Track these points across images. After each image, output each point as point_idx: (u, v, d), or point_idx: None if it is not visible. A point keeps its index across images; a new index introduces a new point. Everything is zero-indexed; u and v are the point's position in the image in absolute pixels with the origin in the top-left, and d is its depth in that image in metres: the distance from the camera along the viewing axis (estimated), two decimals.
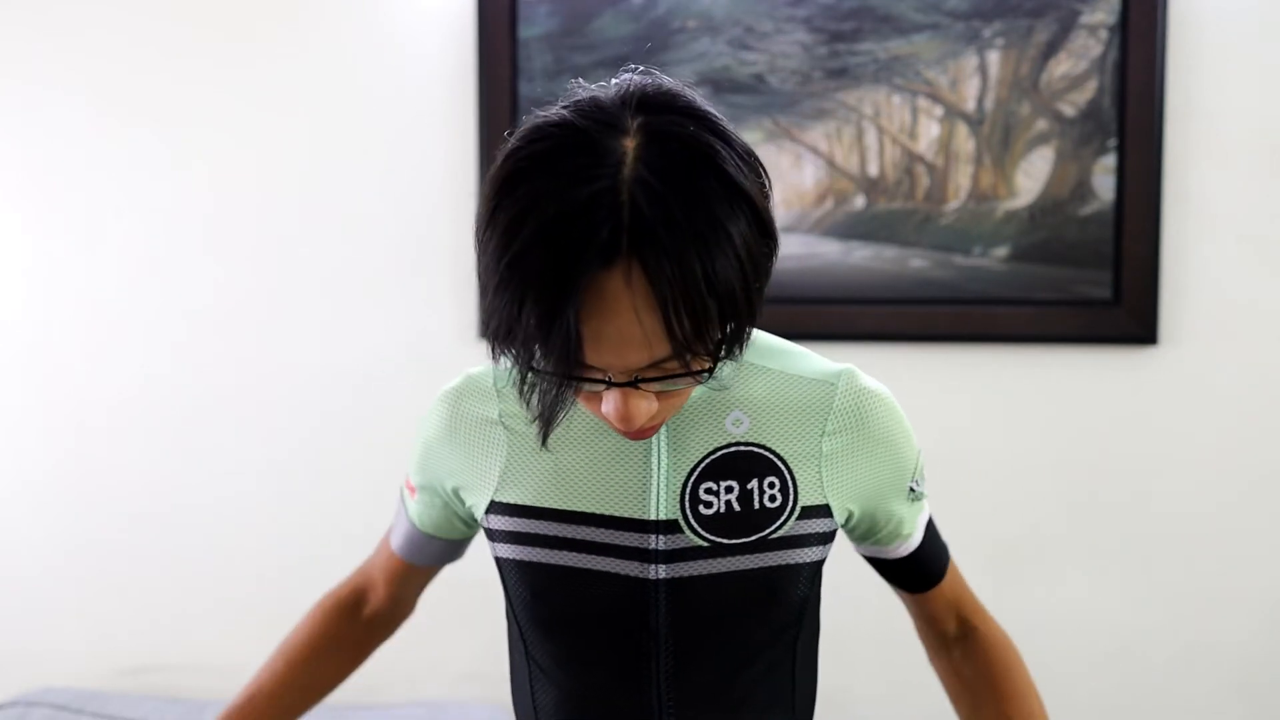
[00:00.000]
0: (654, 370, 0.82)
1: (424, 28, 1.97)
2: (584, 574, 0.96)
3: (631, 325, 0.78)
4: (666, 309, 0.77)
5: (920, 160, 1.86)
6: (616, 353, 0.80)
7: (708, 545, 0.94)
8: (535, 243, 0.77)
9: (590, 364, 0.81)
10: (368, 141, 2.00)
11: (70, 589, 2.12)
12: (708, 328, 0.79)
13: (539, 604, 0.98)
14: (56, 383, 2.10)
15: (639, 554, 0.95)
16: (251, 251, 2.04)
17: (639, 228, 0.76)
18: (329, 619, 1.19)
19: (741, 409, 0.97)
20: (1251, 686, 1.85)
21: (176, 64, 2.03)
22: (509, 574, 1.00)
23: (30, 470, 2.13)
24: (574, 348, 0.78)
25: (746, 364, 1.00)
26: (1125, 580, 1.87)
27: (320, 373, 2.03)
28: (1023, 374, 1.87)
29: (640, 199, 0.77)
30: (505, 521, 0.99)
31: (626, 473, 0.96)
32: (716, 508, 0.95)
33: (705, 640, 0.96)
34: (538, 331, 0.78)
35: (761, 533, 0.95)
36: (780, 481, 0.96)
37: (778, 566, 0.96)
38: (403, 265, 2.00)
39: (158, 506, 2.07)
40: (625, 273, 0.77)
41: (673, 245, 0.76)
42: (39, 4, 2.06)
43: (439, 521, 1.11)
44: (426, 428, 1.06)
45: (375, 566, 1.20)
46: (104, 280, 2.08)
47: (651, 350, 0.80)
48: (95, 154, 2.07)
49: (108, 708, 1.95)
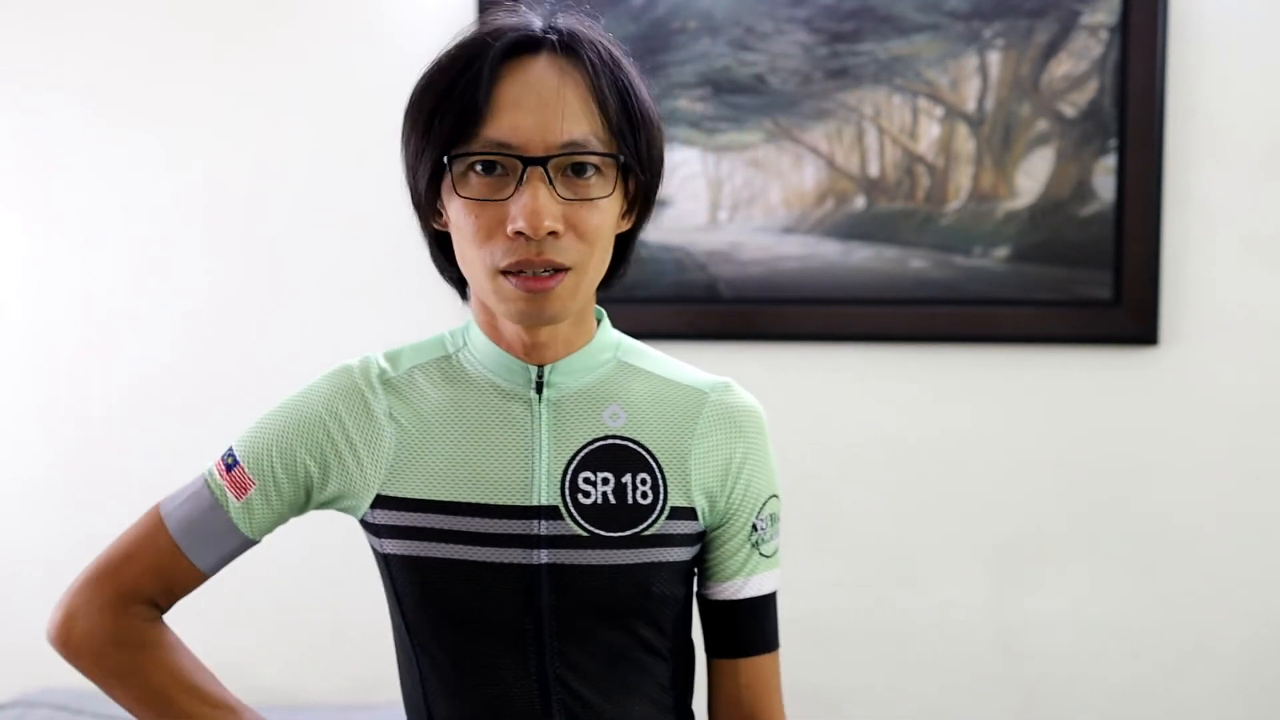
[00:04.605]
0: (568, 155, 0.91)
1: (424, 28, 1.97)
2: (472, 565, 0.97)
3: (553, 95, 0.91)
4: (597, 81, 0.92)
5: (920, 161, 1.86)
6: (536, 119, 0.90)
7: (587, 536, 0.98)
8: (458, 49, 0.95)
9: (506, 140, 0.90)
10: (367, 141, 1.99)
11: None
12: (625, 122, 0.93)
13: (428, 601, 0.99)
14: (55, 381, 2.10)
15: (523, 540, 0.98)
16: (249, 251, 2.04)
17: (563, 37, 0.93)
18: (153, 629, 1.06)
19: (619, 404, 1.02)
20: (1252, 686, 1.85)
21: (175, 64, 2.03)
22: (398, 571, 1.01)
23: (29, 469, 2.12)
24: (485, 99, 0.90)
25: (626, 365, 1.04)
26: (1125, 580, 1.87)
27: (318, 372, 2.02)
28: (1023, 374, 1.87)
29: (562, 28, 0.94)
30: (393, 516, 1.00)
31: (511, 462, 0.99)
32: (594, 498, 0.99)
33: (588, 626, 0.99)
34: (458, 99, 0.91)
35: (635, 528, 0.99)
36: (652, 479, 1.00)
37: (651, 564, 0.99)
38: (403, 265, 2.00)
39: None
40: (551, 59, 0.92)
41: (595, 53, 0.93)
42: (38, 5, 2.06)
43: (266, 520, 1.04)
44: (312, 399, 1.04)
45: (141, 576, 1.03)
46: (103, 279, 2.08)
47: (570, 124, 0.90)
48: (94, 154, 2.06)
49: (108, 708, 1.94)
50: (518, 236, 0.90)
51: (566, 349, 1.01)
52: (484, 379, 1.02)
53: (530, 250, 0.90)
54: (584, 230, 0.92)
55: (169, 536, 1.04)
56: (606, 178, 0.94)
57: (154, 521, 1.05)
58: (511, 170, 0.91)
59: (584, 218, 0.92)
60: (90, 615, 1.03)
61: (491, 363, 1.02)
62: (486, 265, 0.93)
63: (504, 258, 0.91)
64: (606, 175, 0.94)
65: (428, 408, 1.02)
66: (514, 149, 0.90)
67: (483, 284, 0.95)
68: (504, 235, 0.91)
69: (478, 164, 0.92)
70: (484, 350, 1.02)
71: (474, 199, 0.92)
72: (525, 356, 1.00)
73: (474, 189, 0.92)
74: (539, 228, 0.89)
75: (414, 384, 1.03)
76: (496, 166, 0.92)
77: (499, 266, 0.92)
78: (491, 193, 0.92)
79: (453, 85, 0.92)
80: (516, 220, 0.89)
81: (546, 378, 1.00)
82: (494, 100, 0.91)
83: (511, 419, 1.00)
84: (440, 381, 1.03)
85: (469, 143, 0.91)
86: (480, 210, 0.92)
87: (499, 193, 0.91)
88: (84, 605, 1.03)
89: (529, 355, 1.00)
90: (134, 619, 1.03)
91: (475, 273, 0.95)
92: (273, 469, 1.03)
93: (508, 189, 0.91)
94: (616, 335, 1.06)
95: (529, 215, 0.89)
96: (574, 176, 0.92)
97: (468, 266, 0.97)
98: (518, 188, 0.90)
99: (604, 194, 0.94)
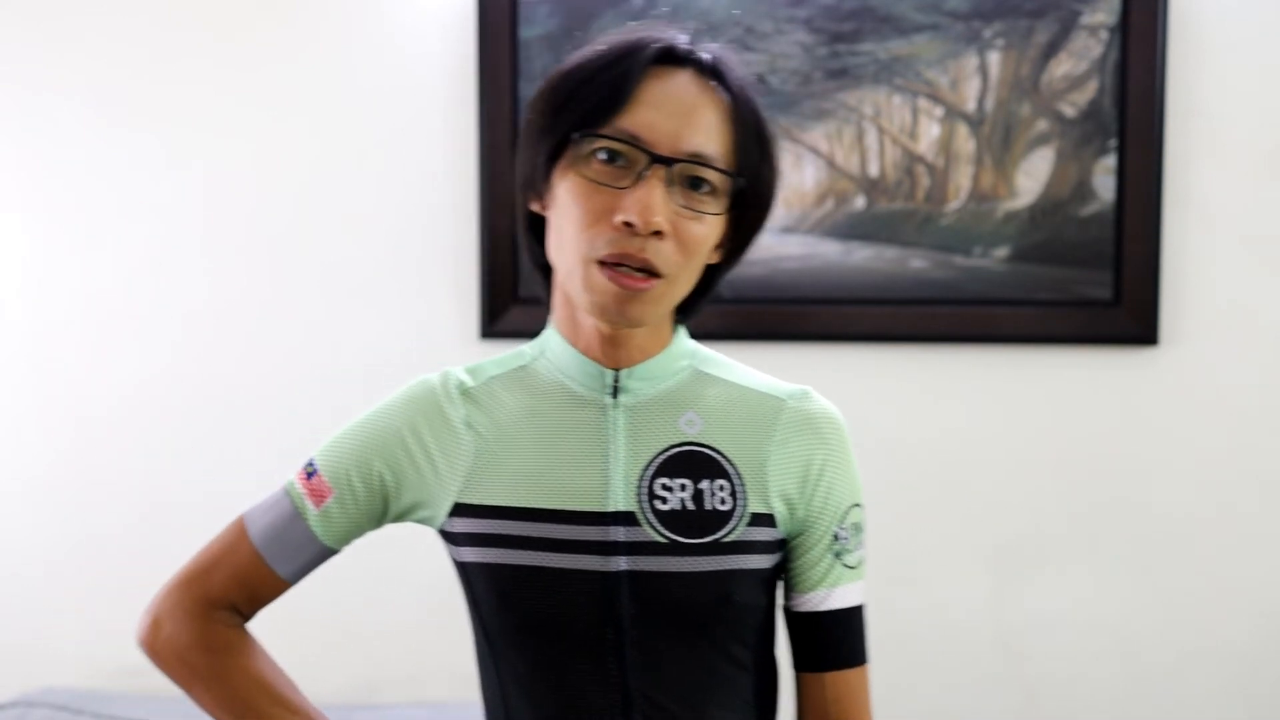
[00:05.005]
0: (693, 164, 0.92)
1: (424, 28, 1.97)
2: (549, 572, 0.97)
3: (691, 106, 0.93)
4: (736, 108, 0.95)
5: (921, 161, 1.86)
6: (671, 123, 0.92)
7: (666, 542, 0.97)
8: (606, 47, 0.95)
9: (637, 133, 0.91)
10: (368, 141, 2.00)
11: (70, 588, 2.12)
12: (751, 155, 0.95)
13: (506, 608, 0.99)
14: (55, 381, 2.10)
15: (600, 547, 0.97)
16: (250, 251, 2.04)
17: (711, 59, 0.96)
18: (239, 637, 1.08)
19: (695, 410, 1.01)
20: (1252, 687, 1.85)
21: (176, 65, 2.03)
22: (476, 579, 1.01)
23: (29, 470, 2.13)
24: (627, 92, 0.91)
25: (701, 373, 1.04)
26: (1125, 580, 1.87)
27: (319, 372, 2.03)
28: (1023, 374, 1.87)
29: (712, 51, 0.98)
30: (471, 524, 1.00)
31: (586, 469, 0.99)
32: (672, 504, 0.98)
33: (670, 634, 0.98)
34: (600, 87, 0.92)
35: (714, 535, 0.98)
36: (730, 485, 1.00)
37: (731, 571, 0.98)
38: (402, 265, 2.00)
39: (157, 506, 2.07)
40: (696, 75, 0.95)
41: (738, 83, 0.97)
42: (38, 5, 2.06)
43: (344, 529, 1.05)
44: (391, 411, 1.05)
45: (225, 584, 1.06)
46: (103, 279, 2.08)
47: (701, 137, 0.92)
48: (94, 154, 2.07)
49: (108, 708, 1.94)
50: (624, 228, 0.91)
51: (642, 355, 1.01)
52: (560, 384, 1.02)
53: (633, 245, 0.91)
54: (686, 240, 0.93)
55: (251, 545, 1.05)
56: (719, 199, 0.95)
57: (237, 530, 1.07)
58: (634, 164, 0.92)
59: (689, 228, 0.93)
60: (176, 620, 1.05)
61: (568, 366, 1.02)
62: (584, 251, 0.93)
63: (605, 247, 0.92)
64: (719, 197, 0.95)
65: (505, 416, 1.02)
66: (643, 143, 0.92)
67: (574, 270, 0.95)
68: (609, 224, 0.91)
69: (602, 150, 0.92)
70: (561, 353, 1.02)
71: (591, 180, 0.92)
72: (602, 359, 1.00)
73: (594, 172, 0.93)
74: (649, 221, 0.90)
75: (492, 393, 1.03)
76: (620, 157, 0.92)
77: (597, 255, 0.92)
78: (609, 179, 0.92)
79: (596, 74, 0.93)
80: (628, 211, 0.90)
81: (622, 383, 1.00)
82: (635, 95, 0.92)
83: (587, 425, 1.00)
84: (517, 389, 1.03)
85: (600, 127, 0.92)
86: (593, 194, 0.92)
87: (617, 181, 0.92)
88: (170, 610, 1.06)
89: (606, 358, 1.00)
90: (218, 625, 1.05)
91: (569, 257, 0.95)
92: (349, 478, 1.04)
93: (626, 180, 0.92)
94: (692, 344, 1.06)
95: (642, 209, 0.90)
96: (689, 189, 0.94)
97: (563, 250, 0.96)
98: (636, 181, 0.91)
99: (713, 211, 0.95)
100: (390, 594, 2.00)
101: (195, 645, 1.04)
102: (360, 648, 2.03)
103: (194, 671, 1.05)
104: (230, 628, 1.06)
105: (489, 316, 1.95)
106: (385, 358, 2.00)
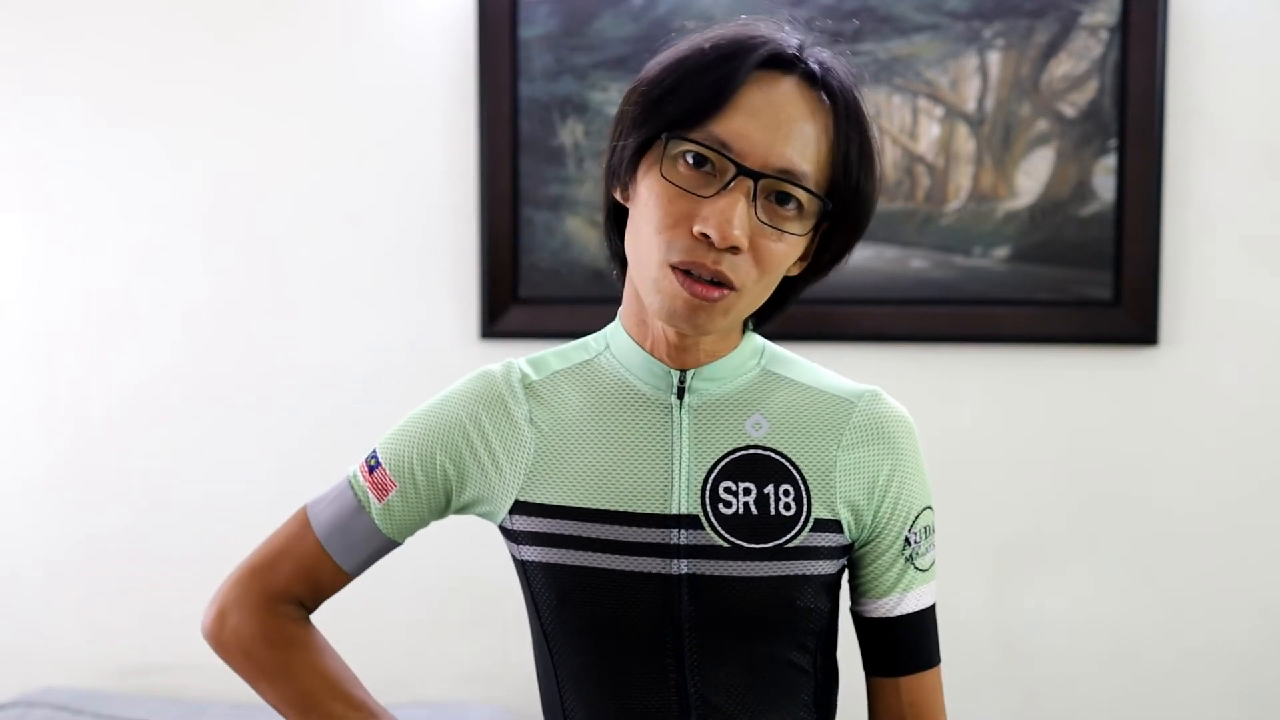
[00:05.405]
0: (782, 180, 0.89)
1: (424, 28, 1.97)
2: (609, 574, 0.96)
3: (790, 119, 0.89)
4: (838, 126, 0.91)
5: (921, 160, 1.86)
6: (766, 135, 0.88)
7: (728, 546, 0.96)
8: (716, 41, 0.91)
9: (728, 142, 0.88)
10: (368, 141, 2.00)
11: (70, 589, 2.12)
12: (848, 175, 0.91)
13: (566, 608, 0.98)
14: (55, 381, 2.11)
15: (661, 550, 0.96)
16: (251, 251, 2.04)
17: (820, 69, 0.92)
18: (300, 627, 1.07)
19: (762, 413, 0.99)
20: (1252, 686, 1.85)
21: (176, 65, 2.03)
22: (535, 578, 1.00)
23: (30, 470, 2.13)
24: (725, 97, 0.88)
25: (770, 373, 1.02)
26: (1126, 580, 1.87)
27: (319, 372, 2.03)
28: (1023, 374, 1.87)
29: (822, 59, 0.93)
30: (531, 522, 0.99)
31: (649, 470, 0.97)
32: (735, 508, 0.96)
33: (729, 638, 0.97)
34: (700, 87, 0.89)
35: (778, 540, 0.96)
36: (795, 490, 0.98)
37: (795, 576, 0.97)
38: (403, 265, 2.01)
39: (158, 506, 2.07)
40: (801, 85, 0.91)
41: (845, 98, 0.92)
42: (38, 5, 2.06)
43: (407, 522, 1.04)
44: (453, 403, 1.03)
45: (288, 576, 1.05)
46: (103, 279, 2.08)
47: (795, 153, 0.89)
48: (94, 154, 2.07)
49: (108, 708, 1.95)
50: (702, 238, 0.88)
51: (709, 356, 0.99)
52: (624, 382, 1.00)
53: (708, 256, 0.89)
54: (763, 257, 0.90)
55: (314, 537, 1.05)
56: (805, 217, 0.92)
57: (301, 522, 1.06)
58: (721, 172, 0.89)
59: (768, 246, 0.90)
60: (240, 612, 1.04)
61: (633, 364, 1.00)
62: (659, 254, 0.90)
63: (679, 253, 0.89)
64: (806, 215, 0.92)
65: (568, 413, 1.00)
66: (733, 153, 0.89)
67: (646, 271, 0.92)
68: (687, 232, 0.89)
69: (691, 154, 0.90)
70: (627, 351, 1.01)
71: (674, 184, 0.90)
72: (668, 359, 0.99)
73: (678, 176, 0.90)
74: (727, 236, 0.87)
75: (556, 389, 1.02)
76: (707, 163, 0.90)
77: (671, 260, 0.90)
78: (693, 186, 0.90)
79: (699, 72, 0.90)
80: (707, 221, 0.88)
81: (689, 383, 0.99)
82: (733, 101, 0.89)
83: (651, 425, 0.99)
84: (580, 386, 1.01)
85: (692, 130, 0.89)
86: (676, 198, 0.90)
87: (700, 188, 0.89)
88: (235, 603, 1.05)
89: (672, 358, 0.99)
90: (282, 618, 1.05)
91: (643, 258, 0.93)
92: (412, 471, 1.03)
93: (710, 188, 0.89)
94: (761, 342, 1.04)
95: (721, 222, 0.87)
96: (775, 204, 0.90)
97: (638, 248, 0.94)
98: (720, 191, 0.88)
99: (796, 232, 0.92)
100: (390, 594, 1.99)
101: (260, 638, 1.04)
102: (360, 648, 2.03)
103: (259, 665, 1.04)
104: (294, 621, 1.05)
105: (489, 317, 1.95)
106: (385, 358, 2.00)
